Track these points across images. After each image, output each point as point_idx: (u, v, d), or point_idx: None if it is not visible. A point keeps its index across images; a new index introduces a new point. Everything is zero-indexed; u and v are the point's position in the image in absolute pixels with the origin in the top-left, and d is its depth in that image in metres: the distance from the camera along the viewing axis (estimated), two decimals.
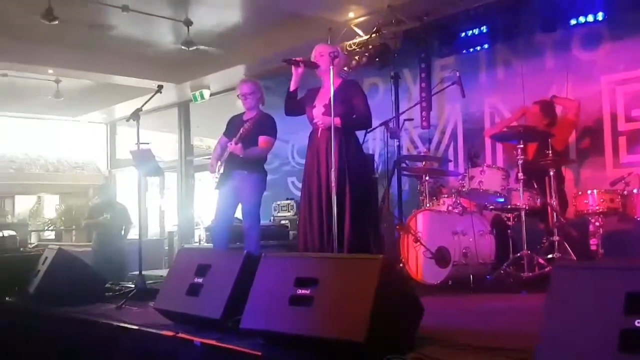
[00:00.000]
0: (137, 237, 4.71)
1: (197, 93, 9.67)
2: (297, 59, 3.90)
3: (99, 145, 12.75)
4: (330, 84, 3.64)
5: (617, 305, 1.58)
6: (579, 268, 1.79)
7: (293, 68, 3.93)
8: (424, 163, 5.27)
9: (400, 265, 4.75)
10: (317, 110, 3.88)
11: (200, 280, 2.96)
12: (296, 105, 4.06)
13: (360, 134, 4.10)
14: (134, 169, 4.66)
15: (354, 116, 3.89)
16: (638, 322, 1.53)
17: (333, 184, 3.49)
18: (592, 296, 1.68)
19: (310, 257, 2.74)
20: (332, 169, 3.51)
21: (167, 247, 10.14)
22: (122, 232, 8.02)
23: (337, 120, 3.72)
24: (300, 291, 2.34)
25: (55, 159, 13.57)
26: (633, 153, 5.24)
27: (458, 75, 5.33)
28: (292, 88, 3.99)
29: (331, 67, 3.63)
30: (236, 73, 8.74)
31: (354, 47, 6.65)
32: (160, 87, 4.66)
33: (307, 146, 4.02)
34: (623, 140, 5.32)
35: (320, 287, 2.30)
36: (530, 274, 4.31)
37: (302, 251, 3.80)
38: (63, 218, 12.33)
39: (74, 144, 12.93)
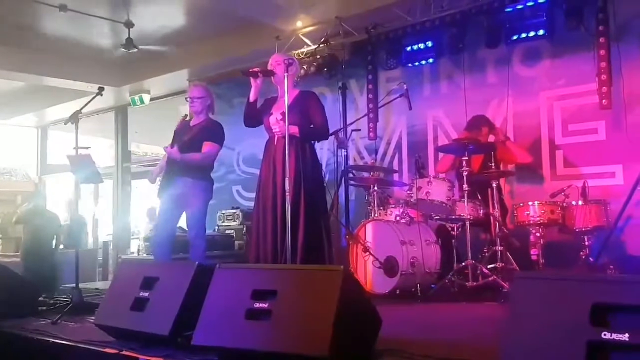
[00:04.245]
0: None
1: (137, 97, 9.37)
2: (255, 69, 3.82)
3: (28, 150, 12.11)
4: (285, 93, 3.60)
5: (583, 317, 1.60)
6: (542, 279, 1.80)
7: (252, 79, 3.84)
8: (372, 173, 5.28)
9: None
10: (274, 118, 3.81)
11: (146, 294, 2.81)
12: (256, 116, 3.97)
13: None
14: (65, 176, 4.42)
15: (312, 126, 3.85)
16: (605, 334, 1.54)
17: (288, 193, 3.43)
18: (556, 308, 1.69)
19: (268, 269, 2.66)
20: (287, 177, 3.45)
21: (101, 258, 9.71)
22: (53, 242, 7.64)
23: (295, 129, 3.68)
24: (257, 304, 2.26)
25: None
26: (569, 166, 5.47)
27: (405, 88, 5.40)
28: (251, 99, 3.91)
29: (286, 75, 3.58)
30: (179, 78, 8.53)
31: (302, 56, 6.64)
32: (101, 90, 4.48)
33: (263, 155, 3.94)
34: (560, 154, 5.54)
35: (278, 300, 2.23)
36: (475, 283, 4.39)
37: (253, 261, 3.70)
38: None
39: (2, 149, 12.20)
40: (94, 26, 7.28)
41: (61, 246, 7.84)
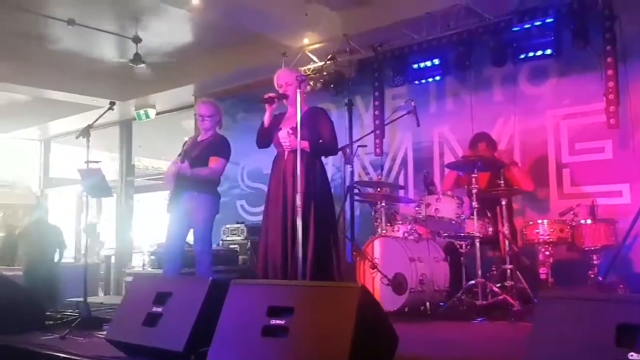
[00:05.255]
0: (70, 260, 4.44)
1: (142, 112, 9.39)
2: (272, 95, 3.87)
3: (31, 163, 12.11)
4: (295, 109, 3.61)
5: (609, 338, 1.58)
6: (566, 299, 1.79)
7: (267, 105, 3.86)
8: (378, 189, 5.28)
9: None
10: (284, 132, 3.83)
11: (159, 309, 2.80)
12: (268, 136, 4.00)
13: None
14: (67, 189, 4.43)
15: (321, 141, 3.87)
16: (632, 355, 1.53)
17: (298, 208, 3.43)
18: (581, 328, 1.68)
19: (284, 285, 2.65)
20: (298, 193, 3.45)
21: (103, 272, 9.66)
22: (56, 256, 7.59)
23: (305, 144, 3.69)
24: (273, 321, 2.25)
25: None
26: (576, 185, 5.46)
27: (413, 105, 5.41)
28: (266, 124, 3.95)
29: (298, 91, 3.60)
30: (184, 93, 8.57)
31: (308, 72, 6.67)
32: (112, 104, 4.53)
33: (271, 169, 3.95)
34: (567, 172, 5.54)
35: (295, 317, 2.21)
36: (485, 301, 4.36)
37: (261, 275, 3.69)
38: None
39: (5, 162, 12.18)
40: (101, 41, 7.31)
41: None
